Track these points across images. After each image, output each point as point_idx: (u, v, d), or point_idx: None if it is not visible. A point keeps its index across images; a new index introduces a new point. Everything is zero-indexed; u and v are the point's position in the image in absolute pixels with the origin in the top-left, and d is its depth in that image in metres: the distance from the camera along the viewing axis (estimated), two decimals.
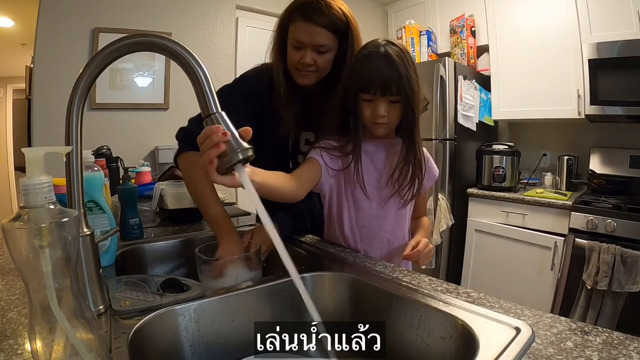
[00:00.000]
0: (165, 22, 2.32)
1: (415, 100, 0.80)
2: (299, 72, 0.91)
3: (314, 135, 1.02)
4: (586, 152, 2.26)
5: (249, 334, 0.64)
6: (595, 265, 1.67)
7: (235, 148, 0.50)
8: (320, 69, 0.90)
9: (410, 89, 0.78)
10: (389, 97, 0.79)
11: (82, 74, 0.54)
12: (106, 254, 0.78)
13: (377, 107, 0.79)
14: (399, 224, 0.93)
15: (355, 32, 0.90)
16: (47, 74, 1.98)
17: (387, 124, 0.82)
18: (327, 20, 0.84)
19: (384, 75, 0.78)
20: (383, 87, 0.78)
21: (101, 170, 0.80)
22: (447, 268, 2.36)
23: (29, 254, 0.34)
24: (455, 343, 0.54)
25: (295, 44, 0.87)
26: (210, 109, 0.51)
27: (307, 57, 0.87)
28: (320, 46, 0.86)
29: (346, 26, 0.88)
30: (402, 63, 0.78)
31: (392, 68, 0.78)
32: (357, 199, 0.89)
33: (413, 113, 0.82)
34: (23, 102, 3.23)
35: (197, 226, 1.11)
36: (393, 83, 0.77)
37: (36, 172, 0.36)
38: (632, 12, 1.85)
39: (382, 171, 0.89)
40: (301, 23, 0.85)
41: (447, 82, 2.25)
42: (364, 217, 0.89)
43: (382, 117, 0.80)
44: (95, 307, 0.56)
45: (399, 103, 0.80)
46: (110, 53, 0.55)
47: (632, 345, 0.47)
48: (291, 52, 0.89)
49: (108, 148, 1.80)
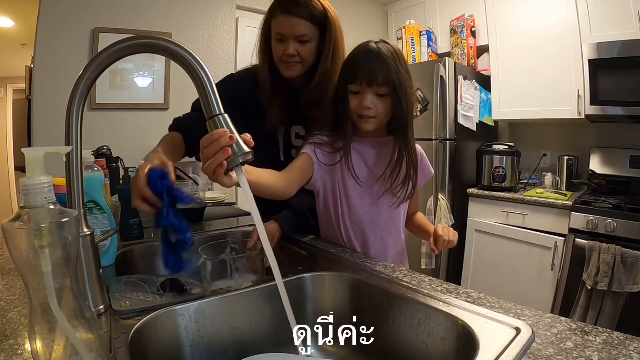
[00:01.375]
0: (165, 22, 2.32)
1: (405, 95, 0.80)
2: (284, 64, 0.95)
3: (303, 129, 1.05)
4: (586, 152, 2.26)
5: (249, 334, 0.64)
6: (595, 265, 1.67)
7: (236, 151, 0.52)
8: (304, 58, 0.94)
9: (397, 81, 0.79)
10: (375, 87, 0.79)
11: (83, 73, 0.54)
12: (106, 254, 0.78)
13: (364, 98, 0.80)
14: (393, 221, 0.93)
15: (333, 21, 0.94)
16: (47, 74, 1.98)
17: (374, 118, 0.82)
18: (305, 11, 0.90)
19: (371, 65, 0.79)
20: (369, 77, 0.78)
21: (101, 170, 0.80)
22: (447, 268, 2.36)
23: (29, 254, 0.34)
24: (455, 343, 0.54)
25: (278, 37, 0.93)
26: (214, 110, 0.52)
27: (289, 48, 0.91)
28: (301, 36, 0.91)
29: (324, 16, 0.93)
30: (391, 57, 0.79)
31: (379, 60, 0.79)
32: (349, 195, 0.89)
33: (402, 108, 0.81)
34: (23, 102, 3.23)
35: (197, 226, 1.11)
36: (379, 73, 0.78)
37: (36, 172, 0.36)
38: (632, 12, 1.85)
39: (372, 168, 0.89)
40: (281, 17, 0.91)
41: (447, 82, 2.25)
42: (356, 213, 0.90)
43: (367, 108, 0.80)
44: (95, 307, 0.56)
45: (387, 97, 0.80)
46: (113, 54, 0.55)
47: (632, 345, 0.47)
48: (275, 46, 0.94)
49: (108, 148, 1.79)
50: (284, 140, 1.06)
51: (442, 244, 0.84)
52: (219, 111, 0.52)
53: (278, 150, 1.06)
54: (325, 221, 0.95)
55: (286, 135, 1.05)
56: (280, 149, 1.06)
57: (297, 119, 1.04)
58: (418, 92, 2.33)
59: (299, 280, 0.69)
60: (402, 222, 0.96)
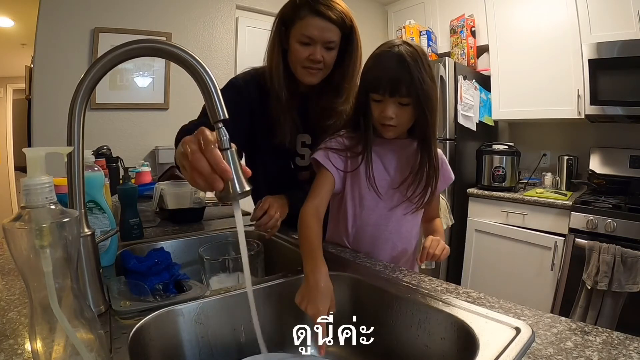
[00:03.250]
0: (165, 22, 2.32)
1: (429, 103, 0.77)
2: (306, 70, 0.90)
3: (310, 138, 1.01)
4: (586, 152, 2.26)
5: (249, 334, 0.64)
6: (595, 265, 1.67)
7: (237, 189, 0.47)
8: (327, 65, 0.90)
9: (422, 91, 0.75)
10: (398, 98, 0.76)
11: (86, 75, 0.54)
12: (106, 254, 0.78)
13: (386, 108, 0.77)
14: (405, 226, 0.89)
15: (357, 31, 0.91)
16: (47, 74, 1.98)
17: (396, 127, 0.79)
18: (337, 15, 0.85)
19: (394, 75, 0.75)
20: (392, 88, 0.75)
21: (101, 170, 0.80)
22: (447, 268, 2.36)
23: (29, 254, 0.34)
24: (455, 343, 0.54)
25: (304, 40, 0.86)
26: (219, 114, 0.49)
27: (317, 54, 0.86)
28: (330, 42, 0.87)
29: (351, 24, 0.89)
30: (414, 64, 0.75)
31: (402, 68, 0.74)
32: (363, 197, 0.86)
33: (425, 117, 0.78)
34: (23, 102, 3.23)
35: (197, 226, 1.11)
36: (403, 84, 0.74)
37: (37, 172, 0.36)
38: (632, 12, 1.85)
39: (392, 173, 0.86)
40: (311, 18, 0.84)
41: (447, 82, 2.25)
42: (369, 216, 0.87)
43: (390, 118, 0.77)
44: (95, 307, 0.56)
45: (410, 106, 0.77)
46: (116, 57, 0.54)
47: (632, 345, 0.47)
48: (298, 49, 0.88)
49: (108, 148, 1.80)
50: (290, 148, 1.01)
51: (424, 256, 0.80)
52: (223, 116, 0.48)
53: (287, 159, 1.03)
54: (335, 221, 0.93)
55: (292, 143, 1.00)
56: (289, 157, 1.03)
57: (304, 128, 1.00)
58: None
59: (299, 280, 0.69)
60: (416, 228, 0.93)
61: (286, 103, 0.93)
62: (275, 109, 0.94)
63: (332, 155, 0.84)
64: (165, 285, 0.69)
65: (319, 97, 0.96)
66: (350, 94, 0.94)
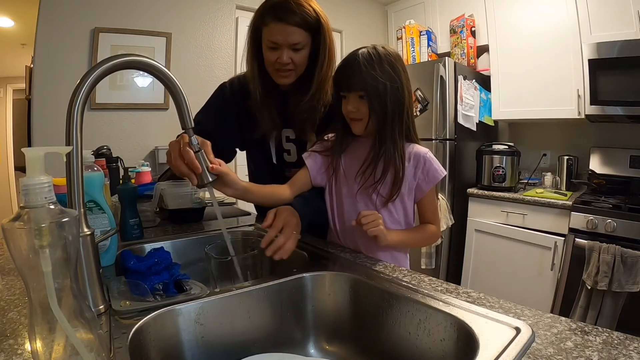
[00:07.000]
0: (165, 22, 2.32)
1: (378, 98, 0.82)
2: (277, 72, 0.94)
3: (293, 133, 1.06)
4: (586, 152, 2.26)
5: (249, 334, 0.64)
6: (595, 265, 1.67)
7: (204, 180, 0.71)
8: (298, 65, 0.93)
9: (371, 86, 0.81)
10: (356, 92, 0.83)
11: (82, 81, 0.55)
12: (106, 254, 0.78)
13: (348, 102, 0.85)
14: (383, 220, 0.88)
15: (326, 26, 0.93)
16: (47, 74, 1.98)
17: (360, 120, 0.85)
18: (299, 18, 0.87)
19: (348, 71, 0.84)
20: (348, 82, 0.83)
21: (101, 170, 0.80)
22: (447, 268, 2.36)
23: (29, 254, 0.34)
24: (455, 343, 0.54)
25: (270, 45, 0.90)
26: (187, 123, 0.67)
27: (283, 57, 0.90)
28: (295, 44, 0.90)
29: (317, 22, 0.91)
30: (367, 62, 0.81)
31: (357, 65, 0.82)
32: (340, 194, 0.93)
33: (376, 111, 0.83)
34: (23, 102, 3.22)
35: (197, 226, 1.11)
36: (355, 78, 0.82)
37: (36, 172, 0.36)
38: (632, 12, 1.85)
39: (357, 166, 0.90)
40: (274, 24, 0.88)
41: (447, 82, 2.25)
42: (343, 212, 0.94)
43: (351, 111, 0.84)
44: (95, 307, 0.56)
45: (365, 99, 0.83)
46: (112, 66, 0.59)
47: (632, 345, 0.47)
48: (267, 54, 0.92)
49: (108, 148, 1.79)
50: (276, 143, 1.08)
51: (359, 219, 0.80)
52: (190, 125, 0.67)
53: (270, 154, 1.08)
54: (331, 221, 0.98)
55: (277, 139, 1.07)
56: (273, 153, 1.09)
57: (287, 123, 1.04)
58: (418, 92, 2.33)
59: (299, 280, 0.69)
60: (396, 224, 0.92)
61: (262, 101, 0.99)
62: (254, 107, 1.00)
63: (314, 154, 0.95)
64: (165, 285, 0.69)
65: (297, 93, 0.98)
66: (322, 85, 0.96)
